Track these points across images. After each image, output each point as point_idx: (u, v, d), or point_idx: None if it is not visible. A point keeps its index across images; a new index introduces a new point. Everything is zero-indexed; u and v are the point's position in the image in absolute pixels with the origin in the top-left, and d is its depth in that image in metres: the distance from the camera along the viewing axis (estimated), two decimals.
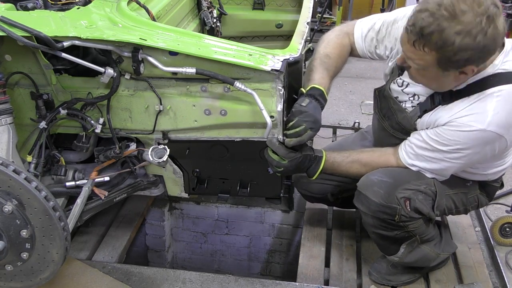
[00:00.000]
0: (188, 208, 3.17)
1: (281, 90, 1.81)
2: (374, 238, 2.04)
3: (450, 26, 1.44)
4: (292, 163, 1.85)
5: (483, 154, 1.73)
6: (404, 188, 1.81)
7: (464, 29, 1.44)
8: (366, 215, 1.91)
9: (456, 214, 2.07)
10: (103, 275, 2.19)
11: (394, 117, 1.92)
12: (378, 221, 1.89)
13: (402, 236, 1.93)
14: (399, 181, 1.82)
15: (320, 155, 1.92)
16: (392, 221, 1.85)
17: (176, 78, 1.88)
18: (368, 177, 1.88)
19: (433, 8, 1.46)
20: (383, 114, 2.00)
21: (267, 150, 1.88)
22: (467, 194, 1.99)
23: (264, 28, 3.14)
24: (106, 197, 2.13)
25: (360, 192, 1.89)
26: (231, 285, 2.16)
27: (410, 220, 1.85)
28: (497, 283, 2.27)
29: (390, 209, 1.82)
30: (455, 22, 1.44)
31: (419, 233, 1.95)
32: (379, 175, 1.85)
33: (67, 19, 1.83)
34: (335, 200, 2.40)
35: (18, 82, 1.95)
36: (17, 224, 1.65)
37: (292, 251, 3.18)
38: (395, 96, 1.91)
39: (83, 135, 2.04)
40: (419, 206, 1.82)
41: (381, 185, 1.83)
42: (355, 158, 1.94)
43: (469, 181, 1.98)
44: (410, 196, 1.81)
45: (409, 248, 1.99)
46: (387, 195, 1.81)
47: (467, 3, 1.43)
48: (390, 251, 2.05)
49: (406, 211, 1.81)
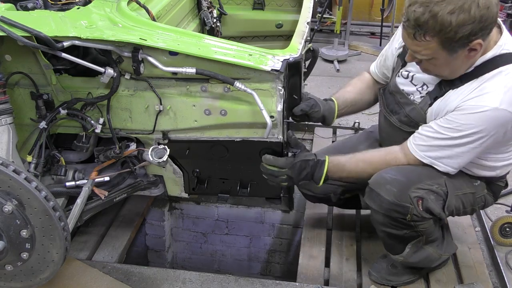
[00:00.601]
0: (188, 208, 3.17)
1: (281, 90, 1.81)
2: (382, 236, 2.03)
3: (442, 9, 1.49)
4: (294, 169, 1.87)
5: (496, 136, 1.70)
6: (417, 187, 1.80)
7: (455, 7, 1.48)
8: (377, 213, 1.89)
9: (463, 214, 2.05)
10: (103, 275, 2.19)
11: (402, 110, 1.93)
12: (389, 220, 1.87)
13: (410, 235, 1.92)
14: (412, 180, 1.81)
15: (322, 159, 1.92)
16: (403, 220, 1.83)
17: (176, 78, 1.88)
18: (381, 175, 1.85)
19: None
20: (390, 109, 2.00)
21: (264, 167, 1.90)
22: (475, 194, 1.98)
23: (264, 28, 3.14)
24: (106, 197, 2.13)
25: (372, 190, 1.86)
26: (231, 285, 2.16)
27: (421, 220, 1.84)
28: (497, 283, 2.27)
29: (403, 208, 1.80)
30: (445, 3, 1.48)
31: (427, 234, 1.94)
32: (392, 173, 1.83)
33: (67, 19, 1.83)
34: (337, 201, 2.39)
35: (18, 82, 1.96)
36: (17, 224, 1.65)
37: (292, 251, 3.18)
38: (402, 89, 1.92)
39: (83, 135, 2.04)
40: (431, 206, 1.81)
41: (394, 183, 1.81)
42: (360, 158, 1.93)
43: (476, 180, 1.97)
44: (423, 196, 1.80)
45: (414, 248, 1.99)
46: (400, 193, 1.79)
47: None
48: (395, 250, 2.04)
49: (418, 210, 1.80)
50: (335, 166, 1.92)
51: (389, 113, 2.01)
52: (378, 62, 2.15)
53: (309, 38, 3.03)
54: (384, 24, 4.93)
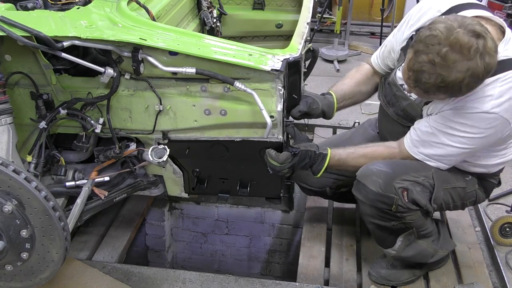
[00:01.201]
0: (188, 208, 3.17)
1: (281, 90, 1.81)
2: (371, 228, 2.04)
3: (452, 78, 1.52)
4: (295, 160, 1.88)
5: (488, 138, 1.74)
6: (402, 178, 1.83)
7: (465, 75, 1.51)
8: (364, 204, 1.92)
9: (453, 209, 2.07)
10: (103, 275, 2.19)
11: (398, 104, 1.95)
12: (375, 210, 1.90)
13: (399, 227, 1.94)
14: (398, 172, 1.84)
15: (325, 152, 1.93)
16: (389, 210, 1.86)
17: (176, 78, 1.88)
18: (368, 167, 1.89)
19: (430, 69, 1.53)
20: (387, 101, 2.02)
21: (267, 160, 1.90)
22: (466, 189, 2.00)
23: (264, 28, 3.13)
24: (106, 197, 2.13)
25: (359, 181, 1.90)
26: (231, 285, 2.16)
27: (407, 211, 1.86)
28: (497, 283, 2.27)
29: (388, 198, 1.83)
30: (454, 72, 1.50)
31: (417, 226, 1.95)
32: (379, 165, 1.87)
33: (67, 19, 1.83)
34: (333, 194, 2.40)
35: (18, 82, 1.95)
36: (17, 224, 1.65)
37: (292, 251, 3.18)
38: (400, 84, 1.93)
39: (83, 135, 2.04)
40: (416, 197, 1.84)
41: (379, 174, 1.84)
42: (361, 153, 1.95)
43: (468, 175, 1.99)
44: (408, 187, 1.83)
45: (406, 241, 2.00)
46: (385, 184, 1.83)
47: (456, 51, 1.49)
48: (386, 243, 2.05)
49: (403, 201, 1.83)
50: (337, 161, 1.95)
51: (386, 104, 2.03)
52: (380, 53, 2.12)
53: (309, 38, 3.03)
54: (384, 24, 4.92)
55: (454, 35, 1.48)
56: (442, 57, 1.50)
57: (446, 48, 1.49)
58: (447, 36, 1.49)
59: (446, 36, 1.49)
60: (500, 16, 4.51)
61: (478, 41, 1.48)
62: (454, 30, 1.49)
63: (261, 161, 1.94)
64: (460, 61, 1.49)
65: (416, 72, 1.57)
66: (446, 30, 1.50)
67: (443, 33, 1.49)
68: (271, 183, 2.26)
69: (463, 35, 1.48)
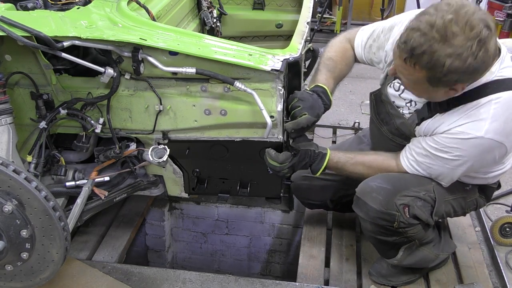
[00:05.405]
0: (188, 208, 3.17)
1: (281, 90, 1.81)
2: (373, 242, 2.04)
3: (441, 49, 1.44)
4: (295, 160, 1.86)
5: (483, 161, 1.73)
6: (403, 194, 1.81)
7: (454, 52, 1.43)
8: (365, 221, 1.91)
9: (454, 216, 2.08)
10: (103, 275, 2.19)
11: (392, 122, 1.92)
12: (377, 227, 1.89)
13: (401, 241, 1.94)
14: (398, 188, 1.82)
15: (324, 152, 1.91)
16: (391, 227, 1.85)
17: (176, 78, 1.88)
18: (367, 183, 1.87)
19: (425, 28, 1.45)
20: (380, 119, 1.99)
21: (267, 160, 1.89)
22: (466, 199, 1.99)
23: (264, 28, 3.13)
24: (106, 197, 2.13)
25: (359, 198, 1.89)
26: (231, 285, 2.16)
27: (409, 226, 1.85)
28: (497, 283, 2.27)
29: (389, 215, 1.82)
30: (446, 44, 1.43)
31: (418, 238, 1.95)
32: (378, 181, 1.85)
33: (67, 19, 1.83)
34: (335, 206, 2.40)
35: (18, 82, 1.95)
36: (17, 224, 1.65)
37: (292, 251, 3.18)
38: (392, 101, 1.91)
39: (83, 135, 2.04)
40: (418, 212, 1.82)
41: (380, 191, 1.82)
42: (360, 160, 1.94)
43: (468, 185, 1.97)
44: (409, 203, 1.81)
45: (408, 251, 2.00)
46: (386, 201, 1.81)
47: (459, 26, 1.42)
48: (389, 255, 2.05)
49: (405, 217, 1.81)
50: (335, 163, 1.93)
51: (380, 122, 2.00)
52: (366, 45, 1.99)
53: (309, 38, 3.03)
54: None
55: (466, 10, 1.43)
56: (443, 23, 1.42)
57: (451, 16, 1.42)
58: (459, 8, 1.43)
59: (459, 7, 1.44)
60: (500, 16, 4.50)
61: (484, 29, 1.42)
62: (468, 8, 1.44)
63: (261, 161, 1.94)
64: (457, 36, 1.42)
65: (411, 30, 1.48)
66: (461, 4, 1.45)
67: (457, 4, 1.45)
68: (271, 183, 2.26)
69: (474, 15, 1.43)
